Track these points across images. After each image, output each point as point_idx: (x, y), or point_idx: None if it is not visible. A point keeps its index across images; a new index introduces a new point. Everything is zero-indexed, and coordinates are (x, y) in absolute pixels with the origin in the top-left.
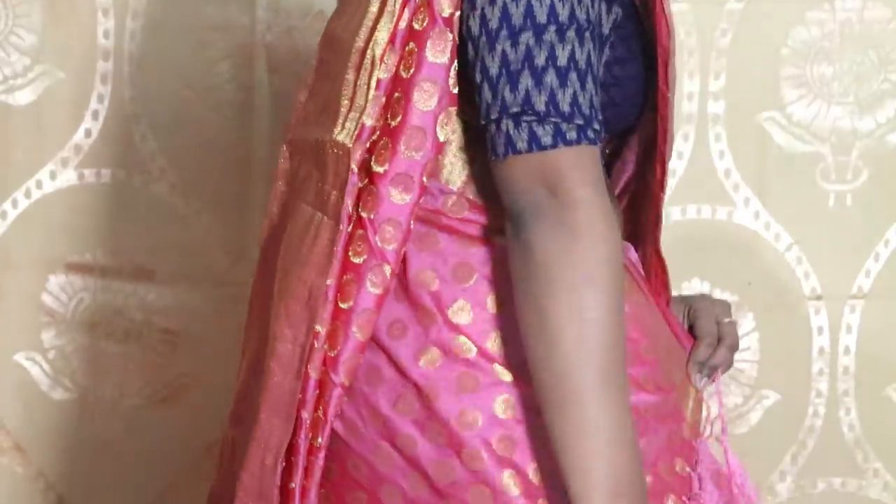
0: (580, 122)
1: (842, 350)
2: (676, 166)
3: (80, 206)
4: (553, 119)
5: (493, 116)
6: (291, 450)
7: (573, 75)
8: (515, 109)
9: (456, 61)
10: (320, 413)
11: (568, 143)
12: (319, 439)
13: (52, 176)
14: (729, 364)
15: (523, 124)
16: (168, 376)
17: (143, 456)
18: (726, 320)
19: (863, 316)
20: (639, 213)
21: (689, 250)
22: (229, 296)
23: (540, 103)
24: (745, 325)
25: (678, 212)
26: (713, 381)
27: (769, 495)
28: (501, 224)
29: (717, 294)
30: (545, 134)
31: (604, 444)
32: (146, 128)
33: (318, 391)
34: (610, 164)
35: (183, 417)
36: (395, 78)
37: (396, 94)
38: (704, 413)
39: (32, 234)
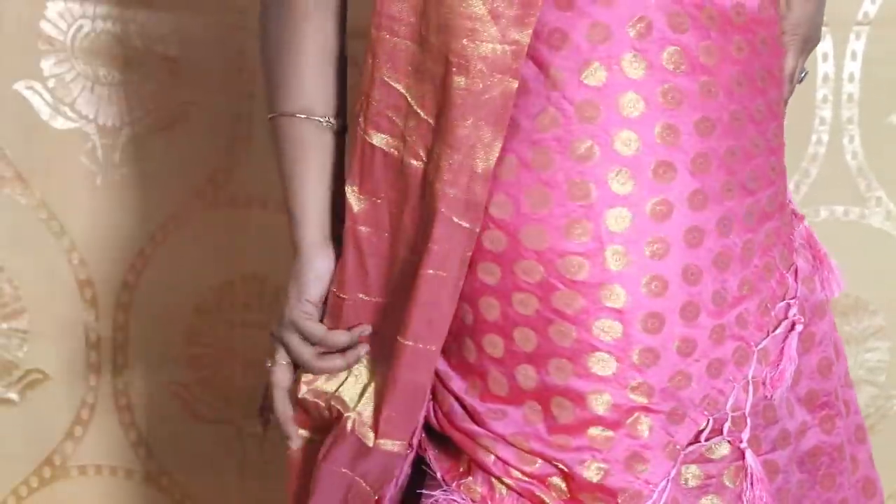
0: None
1: (846, 77)
2: None
3: None
4: None
5: None
6: None
7: None
8: None
9: None
10: None
11: None
12: None
13: None
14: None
15: None
16: (169, 104)
17: (146, 184)
18: None
19: (868, 42)
20: None
21: None
22: (230, 23)
23: None
24: None
25: None
26: None
27: None
28: None
29: None
30: None
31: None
32: None
33: None
34: None
35: (184, 146)
36: None
37: None
38: None
39: None
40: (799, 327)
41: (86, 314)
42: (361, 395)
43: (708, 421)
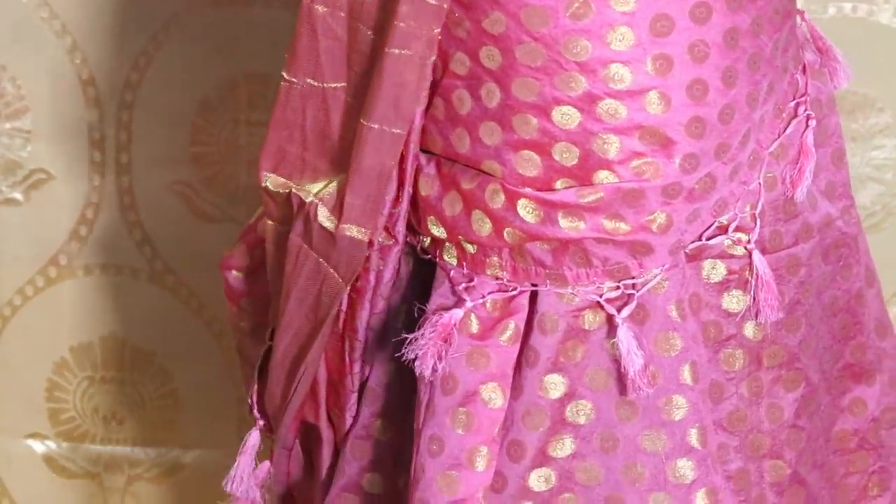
0: None
1: None
2: None
3: None
4: None
5: None
6: None
7: None
8: None
9: None
10: None
11: None
12: None
13: None
14: None
15: None
16: None
17: None
18: None
19: None
20: None
21: None
22: None
23: None
24: None
25: None
26: None
27: None
28: None
29: None
30: None
31: None
32: None
33: None
34: None
35: None
36: None
37: None
38: None
39: None
40: (813, 123)
41: (89, 113)
42: (325, 187)
43: (714, 222)
